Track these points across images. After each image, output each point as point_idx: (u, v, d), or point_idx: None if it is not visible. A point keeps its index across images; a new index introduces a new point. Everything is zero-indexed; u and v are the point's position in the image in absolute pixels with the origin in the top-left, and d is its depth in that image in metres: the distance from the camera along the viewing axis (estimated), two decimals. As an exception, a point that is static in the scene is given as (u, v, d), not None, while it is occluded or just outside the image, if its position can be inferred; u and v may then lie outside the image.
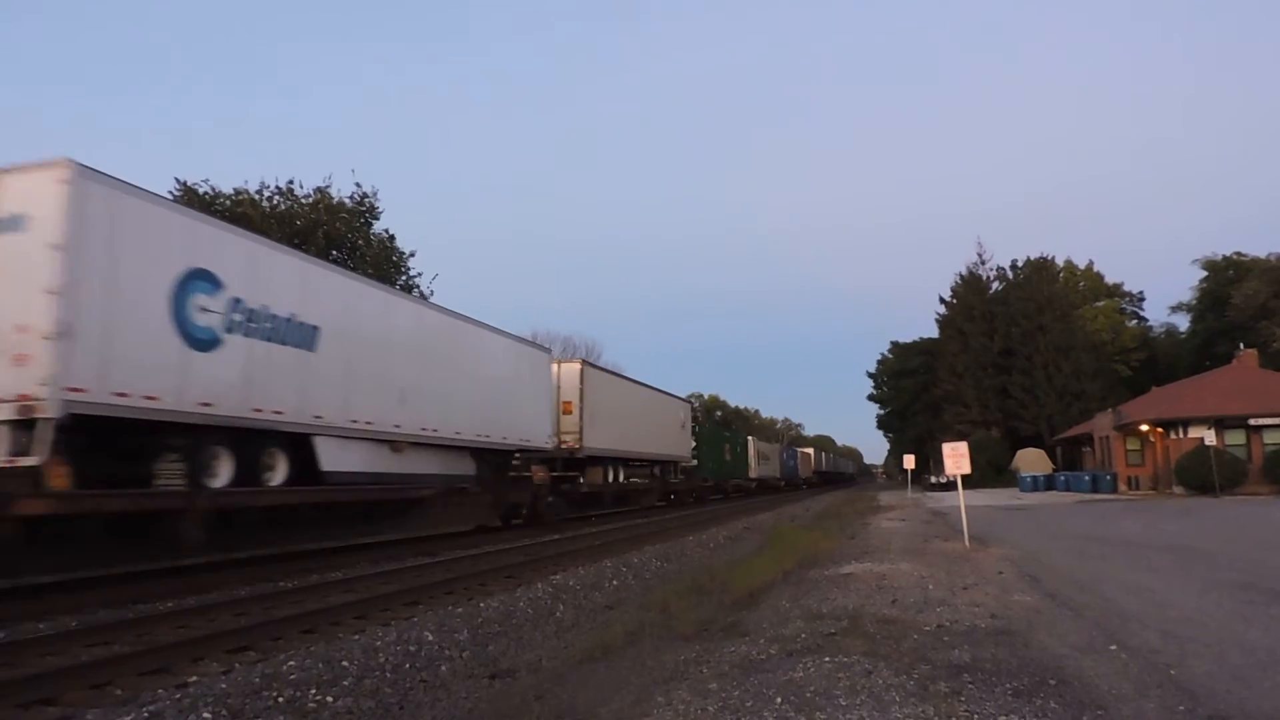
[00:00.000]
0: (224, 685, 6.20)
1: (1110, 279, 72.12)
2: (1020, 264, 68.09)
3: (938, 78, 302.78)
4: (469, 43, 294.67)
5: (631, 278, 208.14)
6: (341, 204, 33.81)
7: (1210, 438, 33.80)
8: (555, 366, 24.64)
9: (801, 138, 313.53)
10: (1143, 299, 73.29)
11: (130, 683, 6.46)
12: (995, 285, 67.20)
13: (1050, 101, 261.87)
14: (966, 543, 15.02)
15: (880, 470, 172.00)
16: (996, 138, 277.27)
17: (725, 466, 46.30)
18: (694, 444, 39.29)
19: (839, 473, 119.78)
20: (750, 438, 56.37)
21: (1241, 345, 44.26)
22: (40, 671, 6.47)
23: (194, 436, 11.47)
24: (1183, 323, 66.92)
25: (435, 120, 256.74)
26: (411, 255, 36.21)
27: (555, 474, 23.82)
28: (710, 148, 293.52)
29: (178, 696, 5.93)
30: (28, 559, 10.05)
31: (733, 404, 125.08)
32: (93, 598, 10.07)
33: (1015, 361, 60.78)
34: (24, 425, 9.35)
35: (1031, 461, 52.22)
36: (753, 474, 53.55)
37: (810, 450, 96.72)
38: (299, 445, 13.48)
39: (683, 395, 44.59)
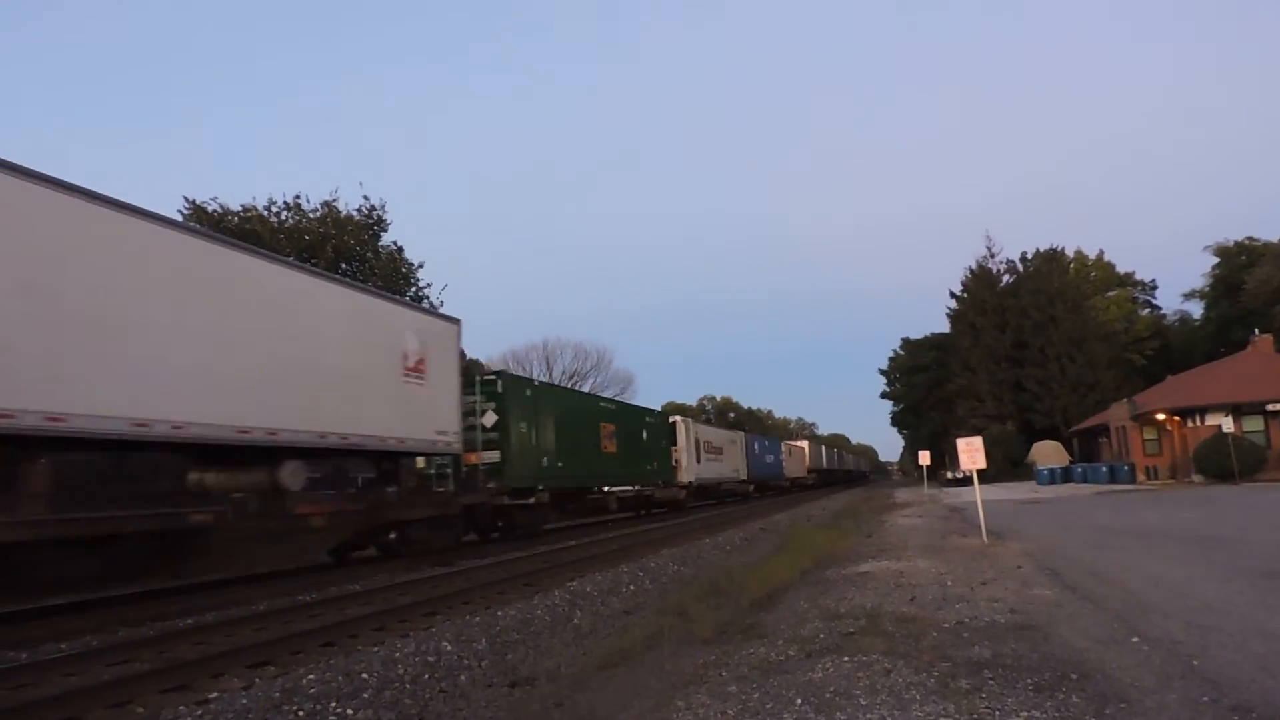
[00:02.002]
0: (245, 701, 6.23)
1: (1121, 268, 71.74)
2: (1030, 256, 67.86)
3: (943, 73, 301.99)
4: (476, 48, 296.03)
5: (641, 282, 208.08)
6: (349, 217, 33.99)
7: (1228, 425, 33.57)
8: None
9: (807, 138, 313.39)
10: (1155, 287, 72.89)
11: (152, 700, 6.49)
12: (1006, 278, 66.88)
13: (1056, 92, 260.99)
14: (984, 538, 14.95)
15: (896, 467, 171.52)
16: (1003, 131, 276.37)
17: (607, 465, 26.41)
18: (492, 418, 20.04)
19: (848, 470, 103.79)
20: (682, 419, 36.63)
21: (1256, 331, 43.85)
22: (63, 691, 6.51)
23: None
24: (1196, 310, 66.45)
25: (441, 124, 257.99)
26: (420, 266, 36.35)
27: None
28: (716, 152, 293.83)
29: (199, 713, 5.96)
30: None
31: (745, 405, 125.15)
32: (113, 616, 10.13)
33: (1028, 354, 60.49)
34: None
35: (1047, 454, 51.91)
36: (686, 476, 34.72)
37: (803, 444, 75.25)
38: None
39: (693, 399, 36.95)
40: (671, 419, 35.57)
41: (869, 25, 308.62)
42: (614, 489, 27.81)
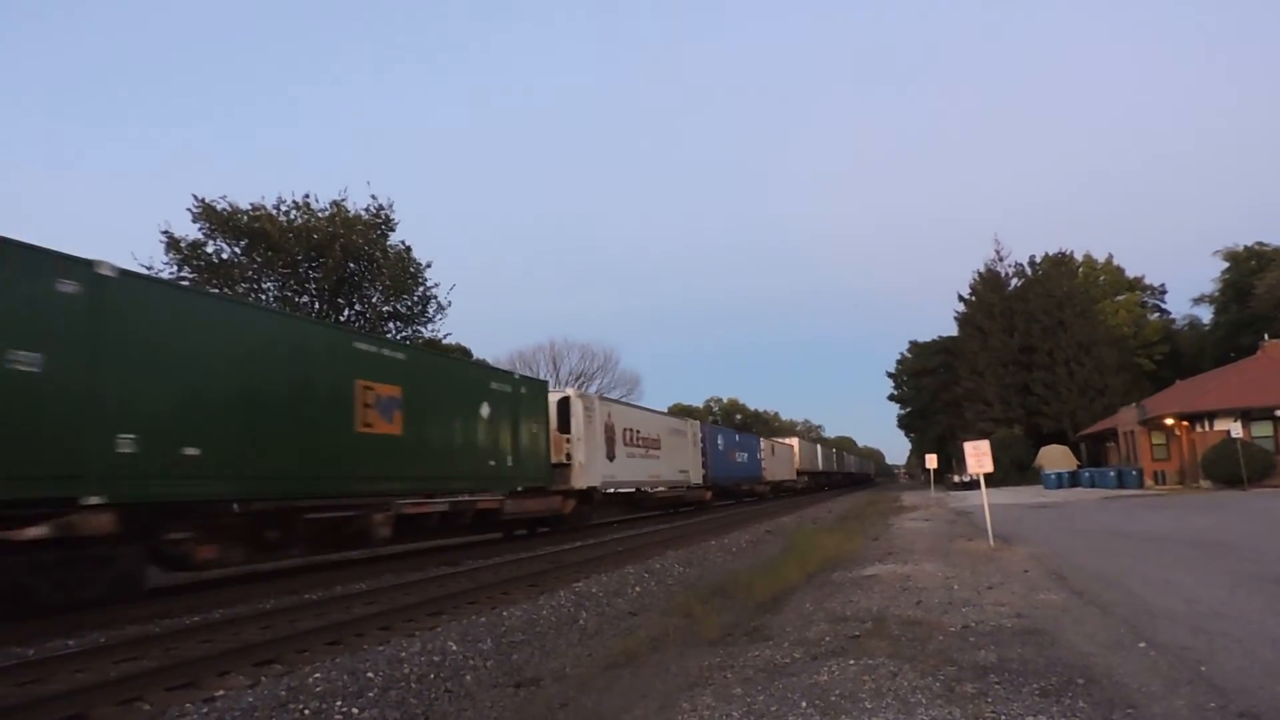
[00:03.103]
0: (251, 699, 6.24)
1: (1131, 272, 71.56)
2: (1039, 260, 67.72)
3: (954, 77, 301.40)
4: (479, 48, 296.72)
5: (649, 284, 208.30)
6: (358, 217, 34.11)
7: (1236, 430, 33.37)
8: None
9: (817, 140, 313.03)
10: (1164, 292, 72.69)
11: (158, 697, 6.51)
12: (1014, 282, 66.78)
13: (1066, 96, 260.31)
14: (991, 542, 14.90)
15: (903, 470, 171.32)
16: (1012, 136, 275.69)
17: (367, 459, 14.72)
18: None
19: (849, 473, 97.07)
20: (580, 394, 25.91)
21: (1266, 336, 43.65)
22: (69, 688, 6.54)
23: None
24: (1205, 315, 66.26)
25: (450, 128, 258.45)
26: (428, 266, 36.46)
27: None
28: (725, 154, 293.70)
29: (205, 710, 5.98)
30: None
31: (752, 408, 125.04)
32: (120, 613, 10.16)
33: (1036, 358, 60.35)
34: None
35: (1055, 458, 51.75)
36: (585, 479, 24.02)
37: (792, 441, 63.58)
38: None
39: (700, 401, 32.59)
40: (562, 394, 24.09)
41: (877, 26, 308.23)
42: (395, 500, 15.30)
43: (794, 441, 63.83)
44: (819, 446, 77.92)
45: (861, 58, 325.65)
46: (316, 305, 33.49)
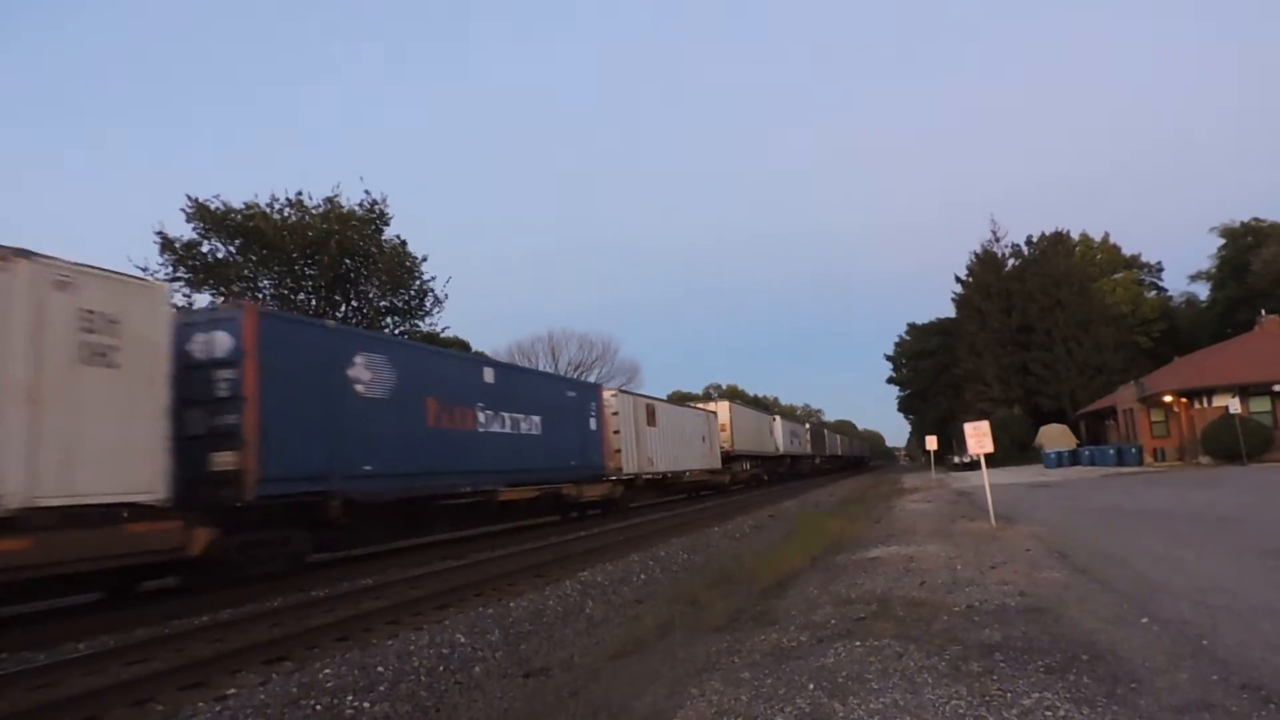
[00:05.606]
0: (262, 696, 6.29)
1: (1127, 250, 71.42)
2: (1035, 239, 67.67)
3: (949, 61, 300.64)
4: (478, 39, 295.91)
5: (647, 272, 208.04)
6: (352, 213, 34.01)
7: (1235, 406, 33.47)
8: None
9: (813, 125, 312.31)
10: (1161, 269, 72.57)
11: (170, 698, 6.57)
12: (1011, 262, 66.72)
13: (1061, 75, 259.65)
14: (993, 522, 14.96)
15: (903, 452, 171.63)
16: (1007, 116, 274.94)
17: None
18: None
19: (835, 456, 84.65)
20: None
21: (1263, 312, 43.68)
22: (82, 692, 6.58)
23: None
24: (1203, 291, 66.19)
25: (448, 125, 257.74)
26: (424, 259, 36.37)
27: None
28: (722, 140, 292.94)
29: (218, 709, 6.03)
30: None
31: (752, 393, 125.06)
32: (129, 616, 10.20)
33: (1035, 338, 60.38)
34: None
35: (1055, 437, 51.78)
36: None
37: (718, 407, 41.04)
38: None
39: (699, 388, 25.91)
40: None
41: (874, 12, 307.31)
42: None
43: (720, 407, 41.25)
44: (778, 420, 55.21)
45: (858, 42, 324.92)
46: (313, 302, 33.47)
